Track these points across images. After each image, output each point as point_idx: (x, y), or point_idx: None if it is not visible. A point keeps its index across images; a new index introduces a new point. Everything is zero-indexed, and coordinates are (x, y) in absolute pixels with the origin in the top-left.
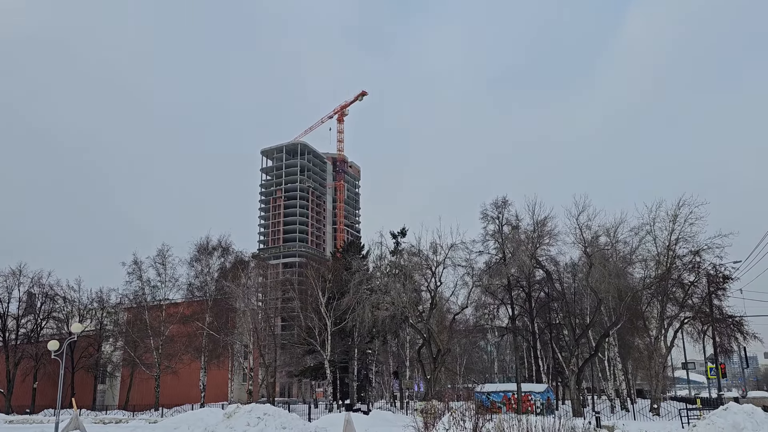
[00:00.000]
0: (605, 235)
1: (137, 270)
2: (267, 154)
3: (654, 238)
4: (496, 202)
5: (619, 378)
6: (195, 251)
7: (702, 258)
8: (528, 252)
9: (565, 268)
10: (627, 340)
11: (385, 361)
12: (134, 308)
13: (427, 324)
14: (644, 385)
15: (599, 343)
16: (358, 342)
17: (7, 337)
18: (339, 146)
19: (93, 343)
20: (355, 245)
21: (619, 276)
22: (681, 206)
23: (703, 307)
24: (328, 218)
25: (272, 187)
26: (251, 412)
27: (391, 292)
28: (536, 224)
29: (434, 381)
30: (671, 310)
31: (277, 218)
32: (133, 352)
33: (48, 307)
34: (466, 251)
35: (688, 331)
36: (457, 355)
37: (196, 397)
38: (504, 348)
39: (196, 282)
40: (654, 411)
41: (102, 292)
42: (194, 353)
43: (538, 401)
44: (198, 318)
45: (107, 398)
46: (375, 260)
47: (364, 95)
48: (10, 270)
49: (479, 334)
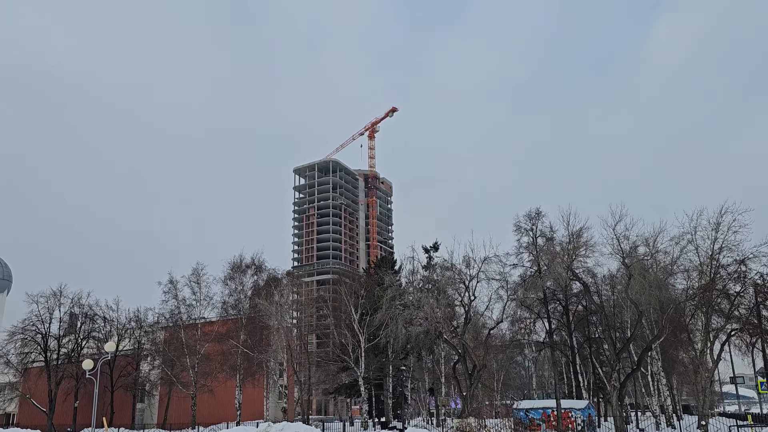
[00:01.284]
0: (644, 245)
1: (173, 289)
2: (299, 172)
3: (696, 248)
4: (529, 214)
5: (664, 393)
6: (229, 269)
7: (748, 267)
8: (564, 264)
9: (603, 280)
10: (671, 353)
11: (421, 377)
12: (171, 327)
13: (461, 339)
14: (690, 401)
15: (641, 358)
16: (393, 358)
17: (49, 357)
18: (370, 162)
19: (131, 362)
20: (387, 261)
21: (660, 287)
22: (724, 214)
23: (750, 319)
24: (361, 235)
25: (305, 204)
26: (283, 430)
27: (424, 307)
28: (571, 235)
29: (471, 398)
30: (717, 322)
31: (310, 236)
32: (170, 371)
33: (88, 327)
34: (499, 264)
35: (736, 343)
36: (493, 371)
37: (232, 415)
38: (542, 363)
39: (230, 300)
40: (702, 428)
41: (139, 311)
42: (229, 371)
43: (579, 418)
44: (232, 336)
45: (146, 417)
46: (407, 275)
47: (394, 111)
48: (51, 291)
49: (516, 349)
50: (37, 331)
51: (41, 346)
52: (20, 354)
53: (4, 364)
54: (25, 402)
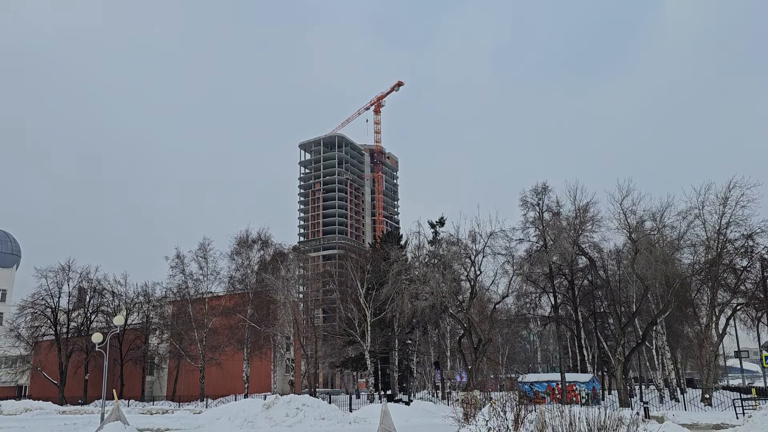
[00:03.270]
0: (651, 220)
1: (180, 264)
2: (305, 147)
3: (703, 222)
4: (535, 189)
5: (668, 367)
6: (235, 244)
7: (755, 242)
8: (570, 239)
9: (609, 255)
10: (676, 328)
11: (426, 351)
12: (178, 301)
13: (467, 314)
14: (694, 375)
15: (646, 332)
16: (399, 332)
17: (59, 331)
18: (376, 137)
19: (140, 336)
20: (393, 235)
21: (667, 262)
22: (732, 188)
23: (757, 293)
24: (366, 210)
25: (311, 180)
26: (290, 402)
27: (430, 281)
28: (578, 210)
29: (476, 371)
30: (723, 296)
31: (316, 211)
32: (179, 345)
33: (96, 302)
34: (505, 239)
35: (741, 318)
36: (499, 345)
37: (240, 388)
38: (547, 337)
39: (237, 275)
40: (705, 401)
41: (147, 285)
42: (237, 345)
43: (583, 391)
44: (239, 310)
45: (155, 389)
46: (413, 250)
47: (400, 85)
48: (60, 266)
49: (521, 324)
50: (47, 305)
51: (51, 320)
52: (30, 327)
53: (15, 337)
54: (37, 374)
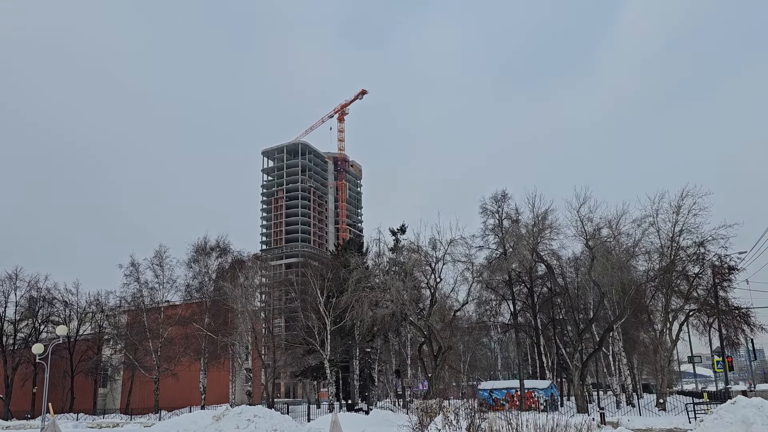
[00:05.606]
0: (607, 227)
1: (135, 272)
2: (268, 154)
3: (657, 230)
4: (495, 196)
5: (625, 373)
6: (193, 252)
7: (707, 249)
8: (529, 246)
9: (568, 262)
10: (632, 334)
11: (388, 359)
12: (133, 311)
13: (427, 321)
14: (650, 380)
15: (603, 338)
16: (359, 341)
17: (5, 342)
18: (340, 145)
19: (92, 347)
20: (354, 243)
21: (622, 269)
22: (684, 197)
23: (708, 299)
24: (330, 218)
25: (274, 187)
26: (241, 414)
27: (391, 289)
28: (537, 217)
29: (436, 379)
30: (676, 302)
31: (279, 218)
32: (133, 355)
33: (46, 311)
34: (465, 246)
35: (694, 324)
36: (460, 352)
37: (197, 399)
38: (507, 344)
39: (194, 283)
40: (660, 406)
41: (100, 294)
42: (194, 355)
43: (542, 398)
44: (196, 319)
45: (108, 402)
46: (374, 257)
47: (364, 93)
48: (6, 274)
49: (482, 331)
50: None
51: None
52: None
53: None
54: None
